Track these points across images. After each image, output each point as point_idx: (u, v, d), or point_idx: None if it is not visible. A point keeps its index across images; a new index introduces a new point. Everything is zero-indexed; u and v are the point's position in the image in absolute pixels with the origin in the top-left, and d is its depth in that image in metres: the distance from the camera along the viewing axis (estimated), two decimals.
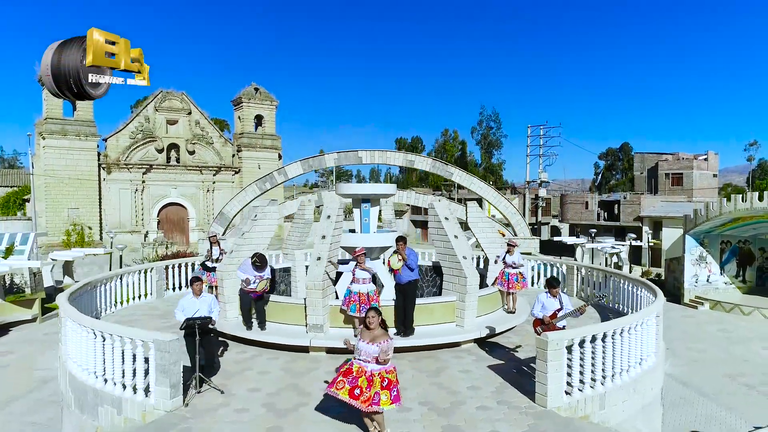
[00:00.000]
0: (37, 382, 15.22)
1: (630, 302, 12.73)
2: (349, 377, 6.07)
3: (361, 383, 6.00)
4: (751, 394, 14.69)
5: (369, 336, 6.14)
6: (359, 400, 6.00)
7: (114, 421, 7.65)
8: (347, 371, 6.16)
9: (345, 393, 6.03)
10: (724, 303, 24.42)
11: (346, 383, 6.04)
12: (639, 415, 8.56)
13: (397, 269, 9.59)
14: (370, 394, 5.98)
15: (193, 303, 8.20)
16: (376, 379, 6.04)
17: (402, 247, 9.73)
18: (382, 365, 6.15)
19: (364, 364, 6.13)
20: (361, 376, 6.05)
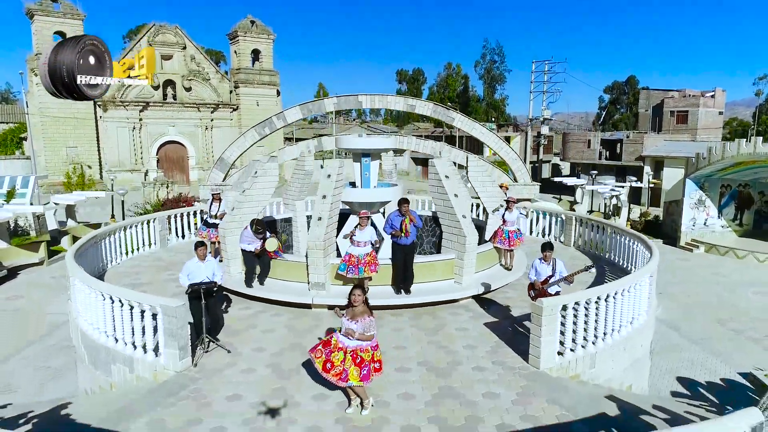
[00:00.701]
0: (48, 326, 15.76)
1: (626, 256, 12.94)
2: (327, 349, 6.27)
3: (334, 358, 6.19)
4: (738, 339, 15.25)
5: (351, 313, 6.27)
6: (330, 374, 6.21)
7: (127, 378, 8.03)
8: (327, 342, 6.35)
9: (320, 364, 6.26)
10: (719, 246, 24.78)
11: (323, 353, 6.25)
12: (627, 371, 8.96)
13: (410, 232, 9.72)
14: (341, 369, 6.18)
15: (198, 267, 8.37)
16: (348, 356, 6.20)
17: (407, 209, 9.78)
18: (360, 342, 6.24)
19: (342, 339, 6.30)
20: (335, 351, 6.24)
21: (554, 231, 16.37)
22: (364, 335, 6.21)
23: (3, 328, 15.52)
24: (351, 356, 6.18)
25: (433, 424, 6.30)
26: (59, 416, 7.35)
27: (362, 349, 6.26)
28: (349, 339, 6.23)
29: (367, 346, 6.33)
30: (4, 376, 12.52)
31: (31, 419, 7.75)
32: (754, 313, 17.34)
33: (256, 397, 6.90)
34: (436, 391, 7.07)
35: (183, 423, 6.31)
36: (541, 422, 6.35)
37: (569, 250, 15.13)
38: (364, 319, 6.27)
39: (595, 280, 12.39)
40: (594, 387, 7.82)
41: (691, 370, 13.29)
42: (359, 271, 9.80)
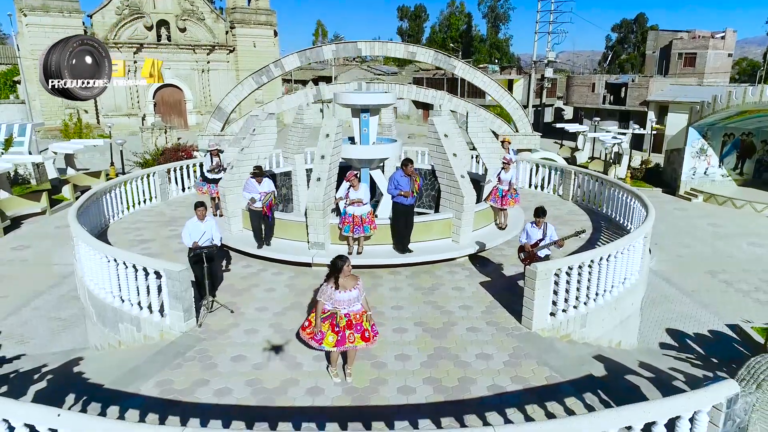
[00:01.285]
0: (56, 277, 16.15)
1: (623, 212, 13.05)
2: (354, 327, 6.38)
3: (365, 325, 6.44)
4: (728, 291, 15.62)
5: (346, 284, 6.30)
6: (371, 342, 6.49)
7: (135, 336, 8.36)
8: (349, 323, 6.39)
9: (359, 341, 6.39)
10: (717, 196, 24.88)
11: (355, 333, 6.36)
12: (617, 328, 9.29)
13: (415, 191, 9.78)
14: (369, 327, 6.48)
15: (197, 227, 8.52)
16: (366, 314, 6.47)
17: (413, 169, 9.80)
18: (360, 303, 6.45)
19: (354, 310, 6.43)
20: (361, 321, 6.44)
21: (553, 181, 16.39)
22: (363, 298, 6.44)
23: (13, 279, 15.92)
24: (347, 322, 6.38)
25: (427, 384, 6.63)
26: (72, 374, 7.71)
27: (357, 315, 6.45)
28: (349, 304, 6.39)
29: (360, 311, 6.50)
30: (17, 326, 12.97)
31: (45, 375, 8.13)
32: (746, 264, 17.66)
33: (260, 358, 7.21)
34: (432, 352, 7.38)
35: (190, 384, 6.64)
36: (530, 384, 6.68)
37: (567, 204, 15.24)
38: (358, 283, 6.44)
39: (591, 237, 12.58)
40: (583, 346, 8.14)
41: (680, 322, 13.71)
42: (364, 229, 9.95)
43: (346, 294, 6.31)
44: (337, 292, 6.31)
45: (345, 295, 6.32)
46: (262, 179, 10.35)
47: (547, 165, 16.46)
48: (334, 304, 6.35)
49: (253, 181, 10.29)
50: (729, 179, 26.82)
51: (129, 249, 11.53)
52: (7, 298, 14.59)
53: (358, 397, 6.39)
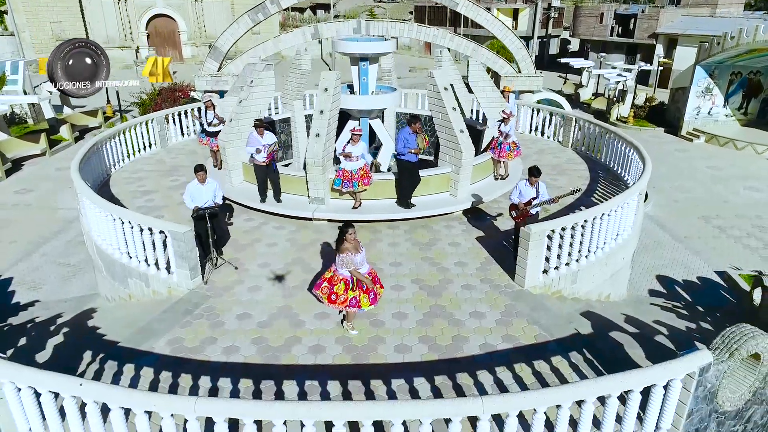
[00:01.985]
0: (61, 222, 16.47)
1: (621, 162, 13.11)
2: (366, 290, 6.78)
3: (337, 289, 6.76)
4: (720, 237, 15.96)
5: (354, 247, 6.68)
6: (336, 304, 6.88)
7: (144, 291, 8.73)
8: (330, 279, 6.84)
9: (325, 297, 6.86)
10: (719, 137, 24.77)
11: (328, 288, 6.79)
12: (607, 282, 9.65)
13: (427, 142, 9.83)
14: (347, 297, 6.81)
15: (199, 190, 8.67)
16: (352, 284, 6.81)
17: (420, 127, 9.79)
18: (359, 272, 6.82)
19: (365, 272, 6.83)
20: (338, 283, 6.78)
21: (553, 127, 16.28)
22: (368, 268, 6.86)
23: (19, 223, 16.22)
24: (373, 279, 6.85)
25: (423, 343, 7.04)
26: (87, 328, 8.12)
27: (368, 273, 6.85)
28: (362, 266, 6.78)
29: (365, 274, 6.85)
30: (28, 272, 13.40)
31: (61, 327, 8.55)
32: (741, 209, 17.90)
33: (264, 316, 7.59)
34: (427, 310, 7.75)
35: (199, 342, 7.05)
36: (520, 342, 7.08)
37: (567, 152, 15.26)
38: (360, 251, 6.75)
39: (587, 188, 12.71)
40: (573, 302, 8.52)
41: (671, 269, 14.12)
42: (353, 185, 10.10)
43: (359, 256, 6.71)
44: (354, 257, 6.70)
45: (360, 257, 6.73)
46: (263, 131, 10.36)
47: (548, 110, 16.29)
48: (355, 265, 6.72)
49: (255, 134, 10.30)
50: (733, 119, 26.54)
51: (132, 201, 11.80)
52: (16, 244, 14.96)
53: (358, 355, 6.81)
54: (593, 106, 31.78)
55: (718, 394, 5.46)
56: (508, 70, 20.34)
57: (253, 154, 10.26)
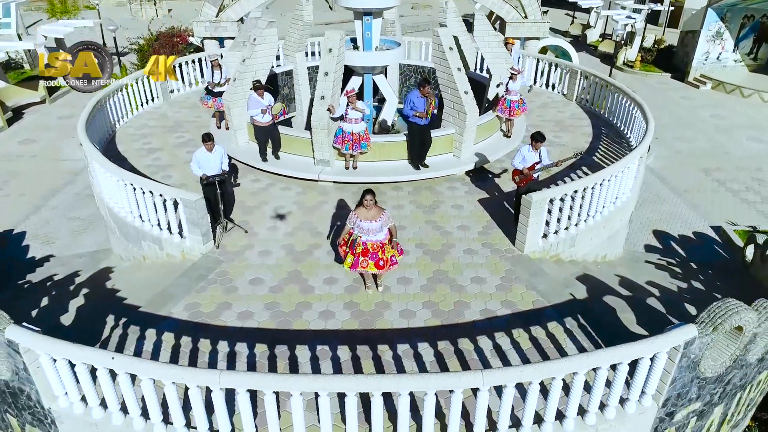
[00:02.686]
0: (68, 174, 16.69)
1: (624, 119, 13.13)
2: (369, 255, 7.08)
3: (381, 255, 7.11)
4: (719, 191, 16.18)
5: (369, 215, 6.97)
6: (384, 269, 7.25)
7: (158, 254, 9.08)
8: (365, 251, 7.09)
9: (372, 267, 7.14)
10: (726, 84, 24.50)
11: (369, 260, 7.10)
12: (604, 243, 9.97)
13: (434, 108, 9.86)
14: (387, 257, 7.17)
15: (207, 157, 8.82)
16: (387, 246, 7.17)
17: (429, 91, 9.76)
18: (385, 233, 7.15)
19: (374, 239, 7.10)
20: (378, 250, 7.10)
21: (558, 77, 16.11)
22: (390, 226, 7.15)
23: (25, 175, 16.42)
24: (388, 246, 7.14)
25: (426, 309, 7.44)
26: (107, 290, 8.52)
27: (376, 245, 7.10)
28: (378, 234, 7.02)
29: (382, 242, 7.14)
30: (40, 226, 13.75)
31: (80, 288, 8.95)
32: (742, 161, 18.00)
33: (275, 281, 7.97)
34: (431, 275, 8.12)
35: (215, 307, 7.46)
36: (518, 308, 7.49)
37: (571, 106, 15.19)
38: (383, 215, 7.03)
39: (590, 146, 12.80)
40: (570, 265, 8.87)
41: (668, 223, 14.42)
42: (362, 146, 10.22)
43: (369, 224, 6.93)
44: (360, 221, 6.94)
45: (367, 224, 6.95)
46: (263, 92, 10.38)
47: (553, 62, 16.06)
48: (359, 231, 6.99)
49: (255, 95, 10.33)
50: (741, 64, 26.09)
51: (139, 160, 11.95)
52: (25, 197, 15.23)
53: (365, 321, 7.23)
54: (600, 49, 31.08)
55: (700, 363, 5.89)
56: (514, 16, 19.80)
57: (254, 116, 10.32)
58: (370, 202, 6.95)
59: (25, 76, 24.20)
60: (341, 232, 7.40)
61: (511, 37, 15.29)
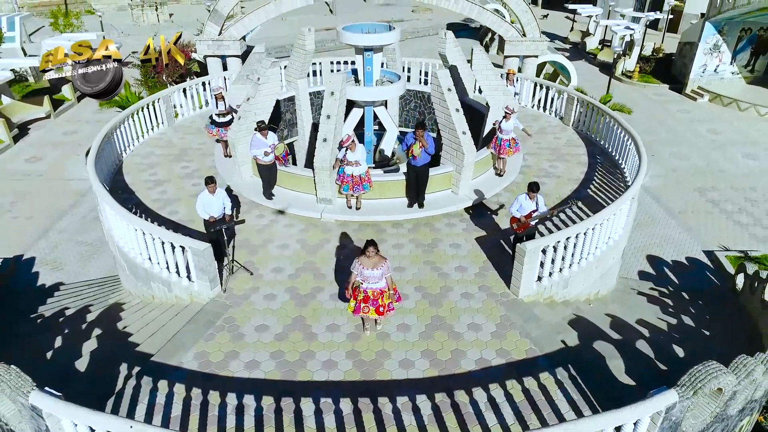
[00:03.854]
0: (74, 194, 17.03)
1: (619, 149, 13.43)
2: (370, 301, 7.51)
3: (381, 302, 7.53)
4: (713, 212, 16.49)
5: (370, 263, 7.35)
6: (384, 315, 7.72)
7: (167, 295, 9.44)
8: (366, 298, 7.52)
9: (373, 313, 7.58)
10: (723, 97, 24.72)
11: (370, 306, 7.52)
12: (597, 281, 10.33)
13: (417, 155, 10.19)
14: (386, 303, 7.61)
15: (210, 200, 9.19)
16: (387, 293, 7.61)
17: (422, 134, 10.09)
18: (384, 281, 7.54)
19: (374, 287, 7.50)
20: (378, 297, 7.51)
21: (555, 104, 16.42)
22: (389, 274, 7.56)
23: (33, 196, 16.76)
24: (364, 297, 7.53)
25: (424, 358, 7.81)
26: (119, 333, 8.88)
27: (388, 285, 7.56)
28: (378, 283, 7.45)
29: (381, 290, 7.54)
30: (48, 251, 14.11)
31: (92, 327, 9.31)
32: (737, 180, 18.30)
33: (280, 327, 8.34)
34: (429, 321, 8.48)
35: (223, 356, 7.82)
36: (512, 357, 7.85)
37: (567, 132, 15.49)
38: (383, 264, 7.44)
39: (585, 176, 13.11)
40: (562, 308, 9.23)
41: (662, 247, 14.75)
42: (364, 187, 10.55)
43: (370, 272, 7.37)
44: (363, 269, 7.36)
45: (369, 272, 7.40)
46: (267, 133, 10.72)
47: (551, 87, 16.33)
48: (361, 278, 7.44)
49: (259, 136, 10.66)
50: (739, 77, 26.32)
51: (146, 192, 12.30)
52: (33, 219, 15.58)
53: (366, 371, 7.60)
54: (599, 58, 31.27)
55: (682, 423, 6.27)
56: (512, 34, 20.07)
57: (258, 156, 10.67)
58: (372, 253, 7.36)
59: (30, 90, 24.50)
60: (348, 279, 7.77)
61: (512, 69, 15.53)
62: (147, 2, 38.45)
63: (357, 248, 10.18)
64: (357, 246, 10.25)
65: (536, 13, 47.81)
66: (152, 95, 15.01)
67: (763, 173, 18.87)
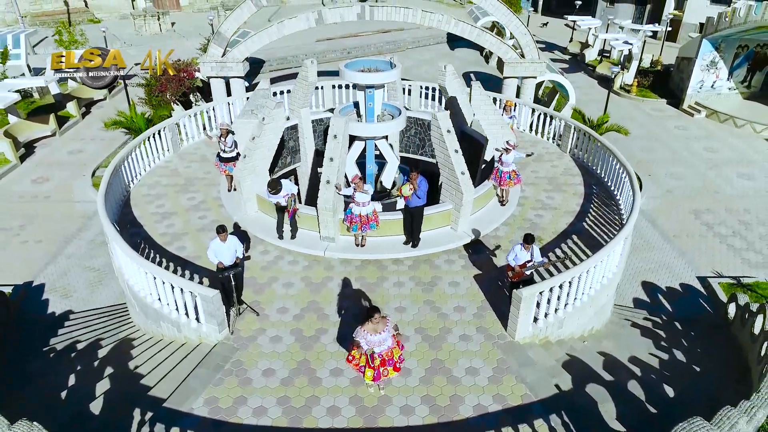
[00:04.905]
0: (81, 218, 17.38)
1: (614, 180, 13.75)
2: (387, 363, 7.73)
3: (395, 357, 7.80)
4: (707, 236, 16.82)
5: (374, 329, 7.62)
6: (400, 370, 8.01)
7: (176, 335, 9.80)
8: (383, 361, 7.71)
9: (392, 372, 7.85)
10: (720, 113, 25.02)
11: (388, 368, 7.75)
12: (591, 318, 10.68)
13: (407, 196, 10.53)
14: (397, 357, 7.87)
15: (221, 247, 9.50)
16: (396, 349, 7.85)
17: (415, 177, 10.43)
18: (391, 339, 7.76)
19: (385, 348, 7.71)
20: (391, 356, 7.75)
21: (553, 130, 16.73)
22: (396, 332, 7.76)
23: (41, 219, 17.10)
24: (381, 360, 7.71)
25: (424, 404, 8.18)
26: (130, 374, 9.23)
27: (392, 348, 7.76)
28: (382, 347, 7.65)
29: (391, 348, 7.78)
30: (58, 278, 14.45)
31: (104, 365, 9.67)
32: (732, 202, 18.62)
33: (285, 372, 8.70)
34: (429, 366, 8.84)
35: (232, 402, 8.19)
36: (508, 403, 8.22)
37: (564, 159, 15.81)
38: (387, 324, 7.68)
39: (580, 208, 13.42)
40: (557, 348, 9.59)
41: (656, 273, 15.08)
42: (371, 226, 10.89)
43: (377, 336, 7.57)
44: (369, 335, 7.55)
45: (377, 337, 7.58)
46: (279, 189, 10.84)
47: (548, 114, 16.64)
48: (369, 344, 7.58)
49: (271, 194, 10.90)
50: (735, 92, 26.62)
51: (154, 226, 12.63)
52: (41, 244, 15.93)
53: (369, 417, 7.96)
54: (598, 70, 31.53)
55: None
56: (511, 56, 20.37)
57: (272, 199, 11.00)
58: (377, 319, 7.50)
59: (35, 106, 24.83)
60: (351, 347, 7.89)
61: (510, 100, 15.85)
62: (149, 12, 38.74)
63: (359, 289, 10.54)
64: (359, 285, 10.61)
65: (537, 20, 48.10)
66: (157, 125, 15.31)
67: (758, 194, 19.21)
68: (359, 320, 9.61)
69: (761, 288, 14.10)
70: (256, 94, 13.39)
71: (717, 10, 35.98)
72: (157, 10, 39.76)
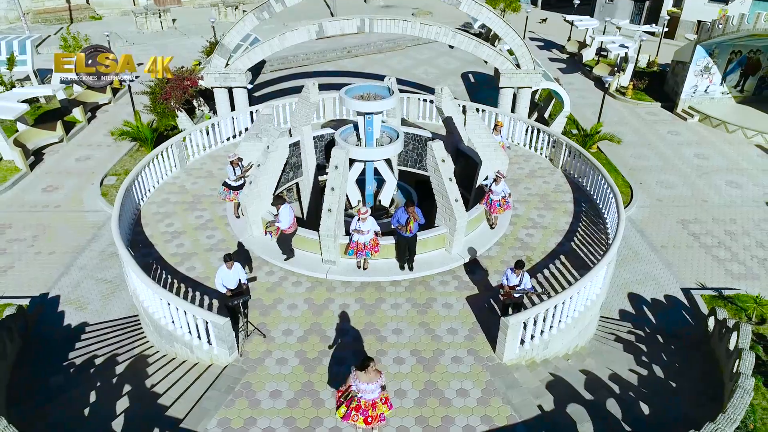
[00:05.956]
0: (92, 228, 18.04)
1: (602, 198, 14.39)
2: (361, 410, 8.26)
3: (371, 413, 8.35)
4: (693, 246, 17.50)
5: (366, 378, 8.09)
6: (371, 425, 8.40)
7: (189, 356, 10.56)
8: (357, 407, 8.25)
9: (361, 422, 8.33)
10: (712, 118, 25.55)
11: (360, 416, 8.30)
12: (576, 338, 11.42)
13: (413, 229, 11.22)
14: (377, 414, 8.35)
15: (228, 274, 10.22)
16: (378, 404, 8.33)
17: (413, 210, 11.08)
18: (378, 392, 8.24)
19: (368, 398, 8.24)
20: (369, 408, 8.28)
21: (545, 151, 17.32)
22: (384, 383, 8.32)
23: (53, 229, 17.77)
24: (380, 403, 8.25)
25: (418, 425, 8.95)
26: (147, 393, 10.00)
27: (381, 396, 8.27)
28: (371, 395, 8.15)
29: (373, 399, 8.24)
30: (71, 289, 15.15)
31: (122, 382, 10.45)
32: (719, 211, 19.26)
33: (291, 393, 9.46)
34: (422, 387, 9.60)
35: (243, 423, 8.97)
36: (495, 424, 8.98)
37: (556, 175, 16.44)
38: (380, 378, 8.20)
39: (570, 227, 14.09)
40: (542, 369, 10.34)
41: (642, 285, 15.76)
42: (366, 254, 11.60)
43: (366, 386, 8.10)
44: (360, 383, 8.10)
45: (365, 386, 8.10)
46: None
47: (541, 129, 17.20)
48: (357, 389, 8.15)
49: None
50: (729, 96, 27.12)
51: (165, 246, 13.31)
52: (54, 255, 16.62)
53: None
54: (595, 72, 31.95)
55: None
56: (507, 67, 20.88)
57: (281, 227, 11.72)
58: (370, 370, 8.01)
59: (42, 111, 25.38)
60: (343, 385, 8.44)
61: (500, 121, 16.43)
62: (150, 9, 39.03)
63: (359, 310, 11.27)
64: (359, 307, 11.34)
65: (536, 16, 48.14)
66: (165, 143, 15.90)
67: (744, 203, 19.84)
68: (357, 341, 10.41)
69: (741, 300, 14.78)
70: (260, 119, 13.99)
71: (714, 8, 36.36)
72: (158, 7, 40.00)
